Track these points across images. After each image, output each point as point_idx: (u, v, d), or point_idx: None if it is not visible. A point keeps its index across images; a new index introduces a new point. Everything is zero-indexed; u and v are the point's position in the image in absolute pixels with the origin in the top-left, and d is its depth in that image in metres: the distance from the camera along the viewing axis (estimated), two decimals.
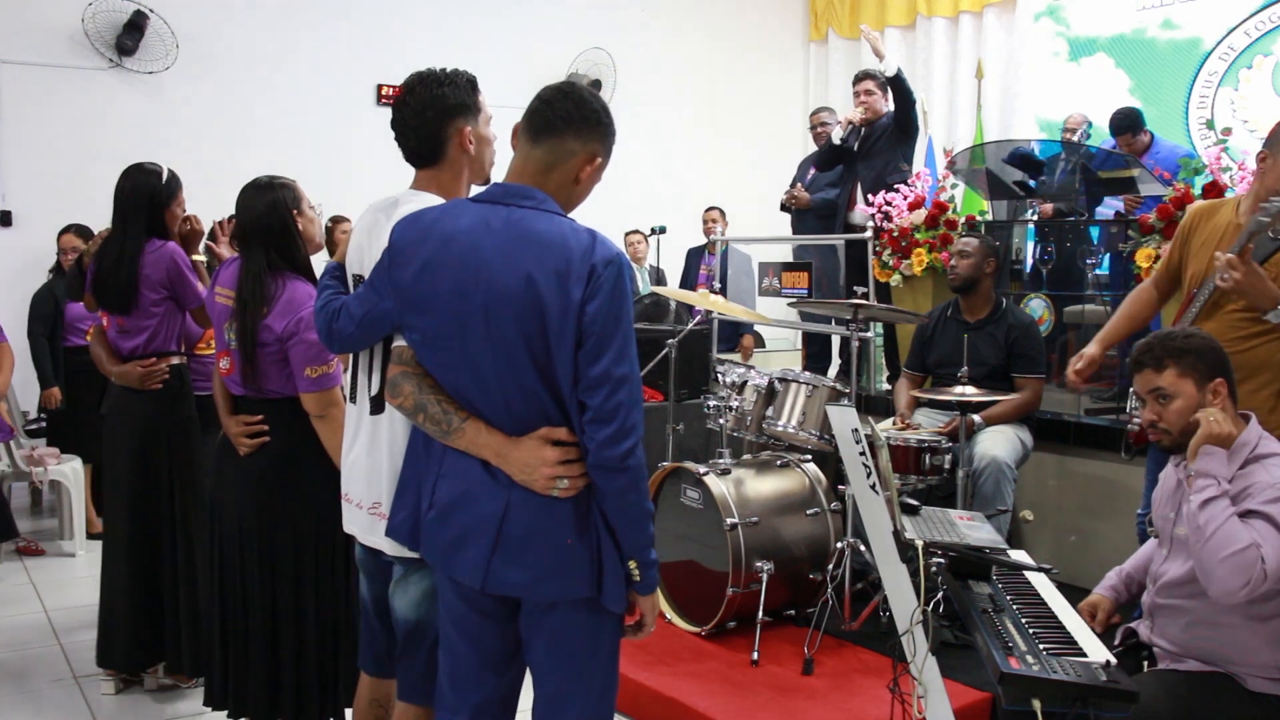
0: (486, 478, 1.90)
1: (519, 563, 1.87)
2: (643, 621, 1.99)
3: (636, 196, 8.57)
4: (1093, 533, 4.33)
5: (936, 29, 9.06)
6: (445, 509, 1.94)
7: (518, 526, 1.87)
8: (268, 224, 2.80)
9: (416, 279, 1.91)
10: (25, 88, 6.88)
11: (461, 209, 1.94)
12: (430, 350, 1.93)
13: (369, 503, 2.20)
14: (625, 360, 1.83)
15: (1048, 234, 5.02)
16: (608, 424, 1.81)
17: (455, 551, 1.92)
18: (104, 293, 3.43)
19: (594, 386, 1.82)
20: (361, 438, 2.23)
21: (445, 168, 2.21)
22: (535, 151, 1.92)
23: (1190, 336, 2.47)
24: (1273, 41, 7.11)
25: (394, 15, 8.08)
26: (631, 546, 1.89)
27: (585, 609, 1.91)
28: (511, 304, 1.82)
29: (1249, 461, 2.38)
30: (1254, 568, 2.20)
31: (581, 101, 1.93)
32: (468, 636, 2.00)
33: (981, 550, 2.56)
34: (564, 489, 1.85)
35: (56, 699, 3.59)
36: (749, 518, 3.66)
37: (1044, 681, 1.95)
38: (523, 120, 1.96)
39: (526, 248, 1.83)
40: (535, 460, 1.84)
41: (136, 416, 3.47)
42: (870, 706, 3.17)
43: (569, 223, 1.89)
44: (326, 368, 2.69)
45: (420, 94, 2.17)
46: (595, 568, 1.88)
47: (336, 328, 2.14)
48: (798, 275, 5.31)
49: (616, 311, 1.82)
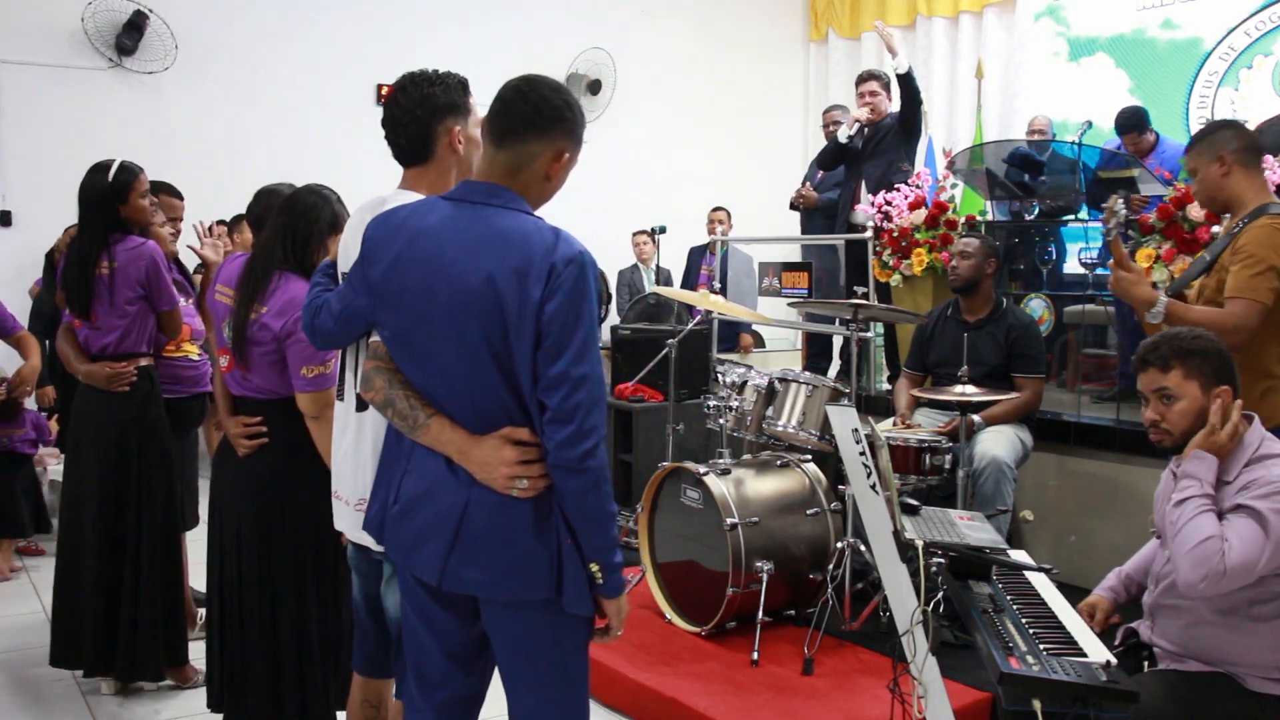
0: (449, 475, 1.89)
1: (476, 561, 1.86)
2: (609, 626, 1.96)
3: (636, 196, 8.58)
4: (1093, 533, 4.33)
5: (936, 29, 9.07)
6: (408, 505, 1.93)
7: (476, 525, 1.86)
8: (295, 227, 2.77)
9: (386, 276, 1.91)
10: (25, 88, 6.89)
11: (431, 207, 1.93)
12: (400, 347, 1.94)
13: (355, 499, 2.21)
14: (585, 360, 1.81)
15: (1048, 234, 5.02)
16: (566, 424, 1.79)
17: (415, 548, 1.91)
18: (67, 293, 3.43)
19: (553, 386, 1.80)
20: (348, 434, 2.25)
21: (433, 167, 2.23)
22: (500, 155, 1.90)
23: (1198, 338, 2.44)
24: (1273, 41, 7.11)
25: (394, 15, 8.08)
26: (593, 548, 1.86)
27: (546, 610, 1.89)
28: (473, 303, 1.81)
29: (1252, 462, 2.37)
30: (1213, 559, 2.19)
31: (540, 101, 1.88)
32: (432, 631, 1.99)
33: (981, 550, 2.56)
34: (523, 489, 1.84)
35: (56, 699, 3.59)
36: (749, 518, 3.66)
37: (1044, 681, 1.95)
38: (486, 122, 1.93)
39: (489, 246, 1.83)
40: (494, 459, 1.83)
41: (104, 417, 3.43)
42: (870, 706, 3.17)
43: (533, 220, 1.88)
44: (323, 368, 2.68)
45: (411, 93, 2.19)
46: (554, 569, 1.85)
47: (318, 324, 2.17)
48: (798, 275, 5.32)
49: (576, 311, 1.81)
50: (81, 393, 3.53)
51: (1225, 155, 2.98)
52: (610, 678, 3.48)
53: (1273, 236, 2.84)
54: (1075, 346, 5.00)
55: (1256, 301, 2.82)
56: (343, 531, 2.32)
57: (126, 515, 3.44)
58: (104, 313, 3.41)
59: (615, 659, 3.52)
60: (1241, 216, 2.96)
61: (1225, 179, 2.99)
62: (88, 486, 3.45)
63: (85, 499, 3.46)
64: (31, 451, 5.14)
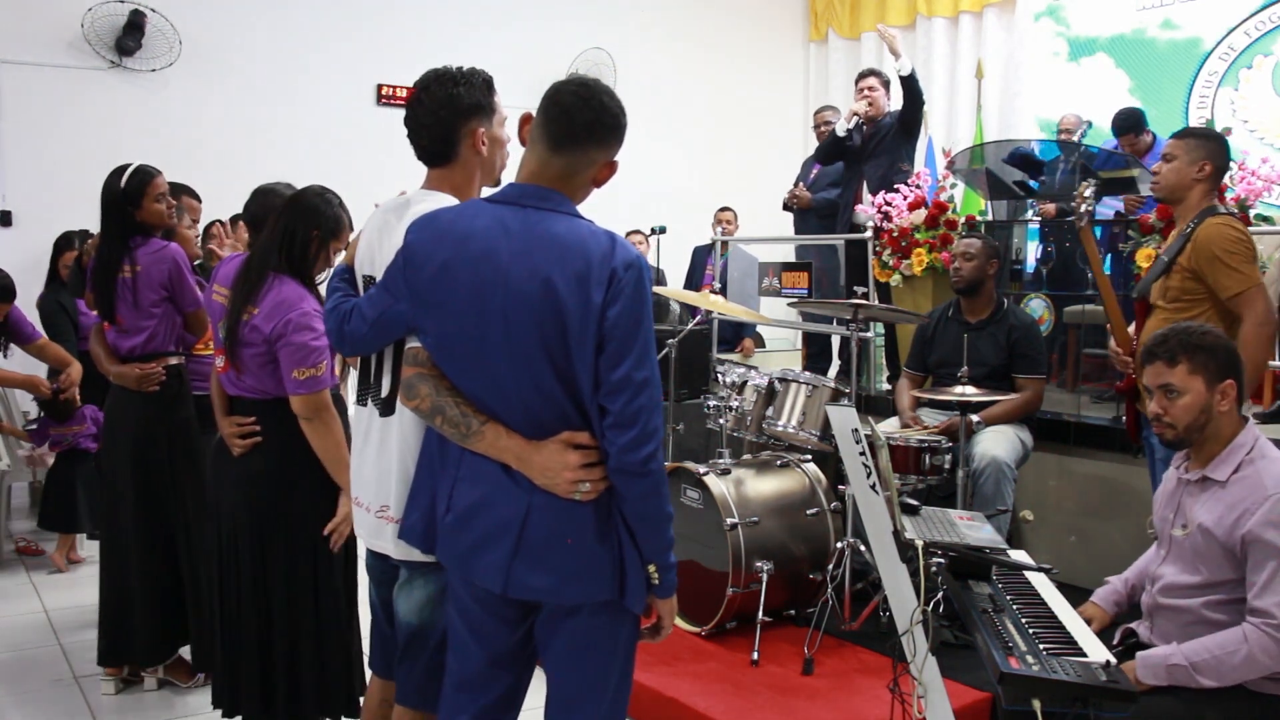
0: (507, 481, 1.88)
1: (541, 567, 1.86)
2: (660, 625, 1.98)
3: (635, 196, 8.55)
4: (1093, 533, 4.33)
5: (936, 29, 9.07)
6: (464, 513, 1.92)
7: (539, 530, 1.86)
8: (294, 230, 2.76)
9: (434, 281, 1.89)
10: (25, 88, 6.88)
11: (478, 210, 1.91)
12: (446, 352, 1.92)
13: (376, 506, 2.18)
14: (646, 364, 1.82)
15: (1048, 234, 5.02)
16: (629, 429, 1.79)
17: (475, 555, 1.90)
18: (95, 296, 3.47)
19: (615, 391, 1.80)
20: (372, 441, 2.21)
21: (458, 168, 2.19)
22: (555, 160, 1.89)
23: (1206, 334, 2.45)
24: (1273, 41, 7.11)
25: (394, 15, 8.08)
26: (651, 550, 1.88)
27: (605, 612, 1.90)
28: (531, 308, 1.80)
29: (1244, 464, 2.38)
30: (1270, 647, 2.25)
31: (603, 109, 1.88)
32: (479, 639, 1.99)
33: (981, 550, 2.56)
34: (586, 492, 1.84)
35: (56, 699, 3.59)
36: (749, 518, 3.66)
37: (1044, 681, 1.95)
38: (539, 125, 1.91)
39: (545, 251, 1.82)
40: (557, 464, 1.83)
41: (135, 417, 3.47)
42: (870, 706, 3.17)
43: (587, 225, 1.87)
44: (315, 371, 2.67)
45: (435, 93, 2.14)
46: (618, 570, 1.87)
47: (348, 330, 2.11)
48: (798, 275, 5.32)
49: (638, 315, 1.81)
50: (113, 394, 3.56)
51: (1208, 166, 3.23)
52: None
53: (1227, 231, 3.15)
54: (1075, 346, 4.99)
55: (1253, 283, 3.11)
56: (360, 537, 2.30)
57: (167, 511, 3.48)
58: (129, 315, 3.43)
59: None
60: (1190, 219, 3.23)
61: (1194, 184, 3.25)
62: (122, 487, 3.48)
63: (121, 498, 3.49)
64: (92, 447, 5.08)
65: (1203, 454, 2.46)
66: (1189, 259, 3.18)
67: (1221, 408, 2.41)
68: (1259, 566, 2.28)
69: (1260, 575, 2.27)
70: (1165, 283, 3.27)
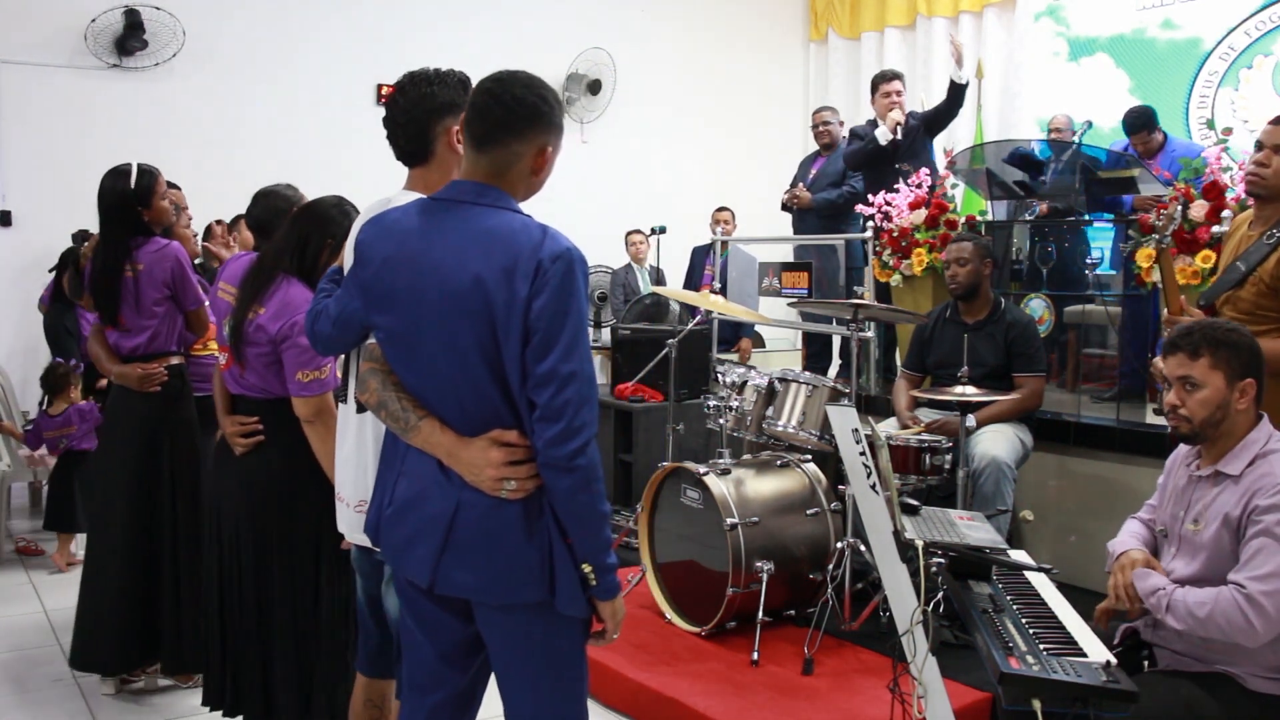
0: (440, 477, 1.88)
1: (467, 564, 1.85)
2: (604, 629, 1.93)
3: (635, 196, 8.58)
4: (1093, 533, 4.32)
5: (936, 29, 9.07)
6: (401, 507, 1.93)
7: (467, 528, 1.85)
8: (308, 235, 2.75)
9: (375, 278, 1.91)
10: (25, 88, 6.89)
11: (422, 208, 1.92)
12: (391, 348, 1.93)
13: (355, 501, 2.21)
14: (574, 357, 1.79)
15: (1048, 234, 5.01)
16: (555, 422, 1.77)
17: (408, 549, 1.91)
18: (95, 299, 3.45)
19: (541, 384, 1.78)
20: (350, 437, 2.25)
21: (434, 167, 2.21)
22: (481, 158, 1.88)
23: (1231, 330, 2.43)
24: (1273, 41, 7.11)
25: (394, 15, 8.08)
26: (585, 549, 1.84)
27: (540, 613, 1.87)
28: (462, 304, 1.80)
29: (1258, 458, 2.38)
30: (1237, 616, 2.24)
31: (514, 102, 1.85)
32: (427, 632, 1.99)
33: (981, 550, 2.56)
34: (512, 490, 1.82)
35: (56, 699, 3.59)
36: (749, 518, 3.66)
37: (1044, 681, 1.95)
38: (464, 126, 1.91)
39: (476, 246, 1.82)
40: (481, 461, 1.82)
41: (136, 417, 3.46)
42: (870, 706, 3.17)
43: (520, 219, 1.86)
44: (319, 373, 2.67)
45: (409, 93, 2.18)
46: (547, 571, 1.83)
47: (318, 329, 2.15)
48: (798, 275, 5.32)
49: (565, 307, 1.78)
50: (113, 393, 3.55)
51: None
52: (610, 678, 3.48)
53: None
54: (1075, 346, 4.99)
55: None
56: (343, 533, 2.31)
57: (160, 513, 3.46)
58: (131, 316, 3.43)
59: (615, 659, 3.52)
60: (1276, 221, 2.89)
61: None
62: (118, 487, 3.47)
63: (115, 498, 3.48)
64: (89, 446, 5.07)
65: (1215, 450, 2.45)
66: (1274, 275, 2.79)
67: (1239, 405, 2.40)
68: (1249, 542, 2.30)
69: (1247, 550, 2.29)
70: (1236, 293, 2.91)
